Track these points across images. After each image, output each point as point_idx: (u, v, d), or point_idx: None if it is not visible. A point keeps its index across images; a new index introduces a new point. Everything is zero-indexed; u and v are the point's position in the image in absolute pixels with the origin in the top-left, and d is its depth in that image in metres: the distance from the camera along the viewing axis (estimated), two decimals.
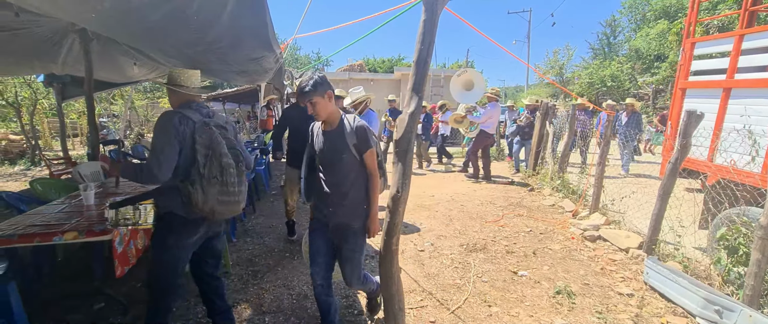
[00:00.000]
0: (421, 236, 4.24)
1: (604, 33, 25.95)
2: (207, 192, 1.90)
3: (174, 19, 1.98)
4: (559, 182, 6.07)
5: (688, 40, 4.16)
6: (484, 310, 2.77)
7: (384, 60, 32.26)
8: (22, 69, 5.22)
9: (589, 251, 3.86)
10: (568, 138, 6.18)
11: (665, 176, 3.49)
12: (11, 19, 2.73)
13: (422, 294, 2.99)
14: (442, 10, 1.80)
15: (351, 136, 1.99)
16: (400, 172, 1.78)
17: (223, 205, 1.98)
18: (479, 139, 7.24)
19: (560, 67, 26.34)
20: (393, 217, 1.83)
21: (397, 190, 1.78)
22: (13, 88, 9.25)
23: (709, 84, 3.87)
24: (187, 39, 2.33)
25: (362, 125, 2.00)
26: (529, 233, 4.35)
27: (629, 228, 4.25)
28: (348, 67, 17.95)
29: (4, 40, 3.20)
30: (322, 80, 2.00)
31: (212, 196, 1.91)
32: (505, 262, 3.56)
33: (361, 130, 1.99)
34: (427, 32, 1.75)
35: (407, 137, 1.78)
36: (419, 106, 1.80)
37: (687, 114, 3.26)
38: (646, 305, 2.83)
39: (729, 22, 13.82)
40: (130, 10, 1.89)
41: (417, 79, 1.80)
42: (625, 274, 3.32)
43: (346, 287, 3.07)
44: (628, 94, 19.69)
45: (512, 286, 3.11)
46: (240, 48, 2.71)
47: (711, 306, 2.55)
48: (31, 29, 3.17)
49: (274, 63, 4.03)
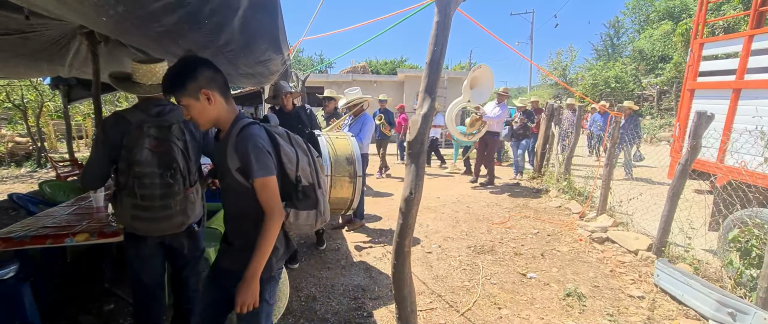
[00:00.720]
0: (429, 238, 4.22)
1: (608, 34, 25.91)
2: (123, 204, 1.75)
3: (187, 22, 1.99)
4: (566, 184, 6.05)
5: (696, 41, 4.13)
6: (494, 312, 2.75)
7: (387, 62, 32.32)
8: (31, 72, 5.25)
9: (598, 253, 3.84)
10: (574, 139, 6.15)
11: (675, 177, 3.47)
12: (22, 22, 2.75)
13: (431, 296, 2.98)
14: (455, 11, 1.80)
15: (232, 156, 1.37)
16: (414, 173, 1.77)
17: (141, 221, 1.76)
18: (487, 143, 6.95)
19: (563, 68, 26.29)
20: (406, 219, 1.82)
21: (411, 192, 1.78)
22: (19, 91, 9.31)
23: (719, 85, 3.84)
24: (199, 41, 2.33)
25: (246, 143, 1.36)
26: (537, 235, 4.33)
27: (638, 230, 4.22)
28: (351, 68, 17.99)
29: (15, 43, 3.22)
30: (189, 67, 1.36)
31: (126, 210, 1.74)
32: (514, 264, 3.54)
33: (244, 149, 1.35)
34: (439, 33, 1.75)
35: (420, 139, 1.78)
36: (432, 108, 1.80)
37: (697, 115, 3.24)
38: (658, 308, 2.80)
39: (735, 23, 13.76)
40: (143, 14, 1.89)
41: (430, 81, 1.79)
42: (635, 277, 3.29)
43: (355, 288, 3.06)
44: (632, 96, 19.64)
45: (521, 289, 3.09)
46: (250, 50, 2.71)
47: (724, 309, 2.53)
48: (41, 32, 3.18)
49: (281, 65, 4.03)
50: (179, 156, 1.83)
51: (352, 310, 2.78)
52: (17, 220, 2.54)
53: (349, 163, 2.80)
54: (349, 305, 2.84)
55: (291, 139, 1.54)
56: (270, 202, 1.38)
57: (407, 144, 1.81)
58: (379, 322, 2.63)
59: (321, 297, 2.96)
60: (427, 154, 9.52)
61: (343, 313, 2.73)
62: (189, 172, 1.88)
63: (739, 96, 3.58)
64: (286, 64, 4.43)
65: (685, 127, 4.04)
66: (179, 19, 1.98)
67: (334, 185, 2.75)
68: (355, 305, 2.85)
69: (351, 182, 2.82)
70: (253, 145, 1.35)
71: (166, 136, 1.81)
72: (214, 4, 1.89)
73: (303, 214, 1.52)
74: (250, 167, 1.34)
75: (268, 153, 1.38)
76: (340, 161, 2.78)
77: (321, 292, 3.03)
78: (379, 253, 3.77)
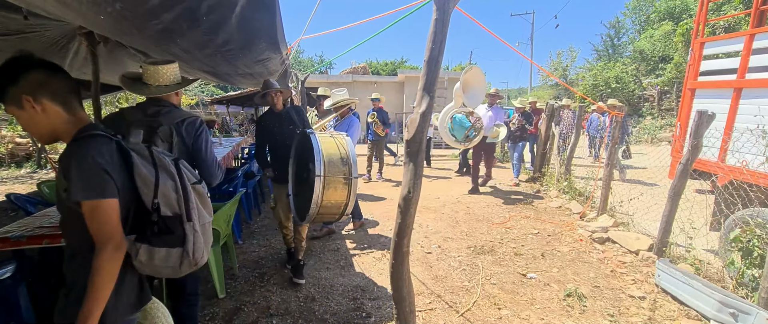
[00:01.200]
0: (428, 238, 4.21)
1: (608, 34, 25.89)
2: None
3: (185, 20, 1.97)
4: (566, 184, 6.03)
5: (697, 40, 4.12)
6: (494, 312, 2.73)
7: (387, 62, 32.31)
8: None
9: (599, 253, 3.82)
10: (575, 139, 6.14)
11: (676, 177, 3.45)
12: (21, 22, 2.74)
13: (431, 296, 2.96)
14: (453, 9, 1.79)
15: (61, 174, 1.14)
16: (412, 172, 1.76)
17: None
18: (483, 149, 6.42)
19: (564, 69, 26.27)
20: (404, 219, 1.81)
21: (409, 191, 1.76)
22: None
23: (720, 84, 3.83)
24: (198, 40, 2.32)
25: (70, 158, 1.12)
26: (537, 235, 4.31)
27: (638, 230, 4.20)
28: (351, 69, 17.99)
29: (14, 44, 3.22)
30: (10, 68, 1.13)
31: None
32: (514, 265, 3.52)
33: (66, 165, 1.11)
34: (438, 31, 1.73)
35: (418, 137, 1.76)
36: (430, 106, 1.78)
37: (698, 114, 3.22)
38: (659, 308, 2.79)
39: (735, 23, 13.74)
40: (141, 12, 1.88)
41: (428, 79, 1.78)
42: (636, 277, 3.27)
43: (354, 289, 3.05)
44: (632, 96, 19.62)
45: (522, 289, 3.08)
46: (249, 49, 2.70)
47: (726, 309, 2.51)
48: (40, 33, 3.18)
49: (279, 65, 4.02)
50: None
51: (351, 311, 2.76)
52: (15, 221, 2.53)
53: (343, 164, 2.57)
54: (347, 306, 2.83)
55: (154, 158, 1.27)
56: (100, 232, 1.10)
57: (405, 143, 1.79)
58: (378, 322, 2.61)
59: (319, 297, 2.94)
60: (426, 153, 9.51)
61: (341, 314, 2.72)
62: None
63: (741, 95, 3.57)
64: (285, 64, 4.42)
65: (686, 126, 4.02)
66: (177, 17, 1.97)
67: (328, 187, 2.49)
68: (354, 306, 2.83)
69: (346, 184, 2.57)
70: (78, 161, 1.10)
71: (150, 137, 1.80)
72: (212, 1, 1.88)
73: (160, 252, 1.23)
74: (70, 187, 1.09)
75: (103, 171, 1.11)
76: (333, 161, 2.54)
77: (319, 292, 3.02)
78: (378, 254, 3.76)
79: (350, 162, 2.59)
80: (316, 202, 2.46)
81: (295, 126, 3.10)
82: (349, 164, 2.59)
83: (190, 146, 1.96)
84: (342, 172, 2.55)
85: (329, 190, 2.51)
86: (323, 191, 2.46)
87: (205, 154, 2.00)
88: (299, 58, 31.08)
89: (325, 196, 2.50)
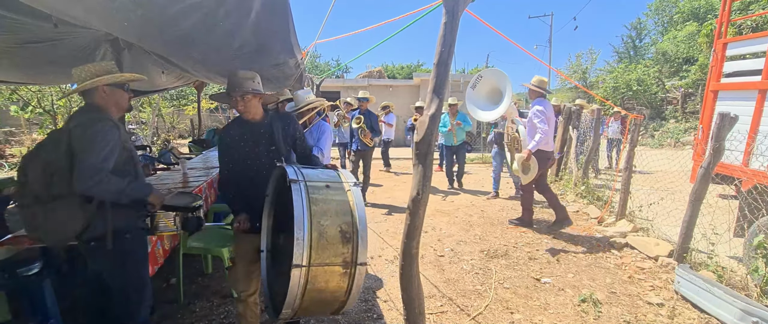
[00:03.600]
0: (441, 242, 4.20)
1: (629, 36, 25.31)
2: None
3: (203, 25, 2.05)
4: (584, 188, 5.92)
5: (719, 41, 4.00)
6: (506, 316, 2.71)
7: (403, 66, 32.36)
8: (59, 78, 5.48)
9: (616, 259, 3.74)
10: (593, 143, 6.02)
11: (697, 181, 3.36)
12: (51, 30, 2.89)
13: (442, 299, 2.96)
14: (463, 12, 1.80)
15: None
16: (421, 174, 1.77)
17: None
18: (539, 161, 4.30)
19: (583, 71, 25.79)
20: (413, 220, 1.82)
21: (418, 193, 1.78)
22: (49, 97, 9.73)
23: (743, 86, 3.71)
24: (215, 45, 2.40)
25: None
26: (553, 239, 4.25)
27: (658, 235, 4.09)
28: (367, 73, 18.10)
29: (44, 50, 3.38)
30: None
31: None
32: (528, 269, 3.48)
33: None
34: (447, 34, 1.75)
35: (427, 140, 1.78)
36: (439, 108, 1.80)
37: (720, 117, 3.13)
38: (678, 315, 2.71)
39: (764, 22, 13.25)
40: (162, 19, 1.96)
41: (438, 81, 1.80)
42: (655, 283, 3.19)
43: (366, 290, 3.07)
44: (655, 99, 19.10)
45: (535, 293, 3.04)
46: (264, 53, 2.77)
47: (749, 317, 2.42)
48: (68, 40, 3.33)
49: (294, 69, 4.09)
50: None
51: (363, 312, 2.78)
52: None
53: (344, 241, 1.60)
54: (359, 307, 2.85)
55: None
56: None
57: (414, 145, 1.81)
58: (388, 323, 2.62)
59: None
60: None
61: (353, 315, 2.74)
62: None
63: (766, 97, 3.45)
64: (300, 68, 4.50)
65: (708, 129, 3.90)
66: (196, 22, 2.04)
67: (315, 280, 1.57)
68: (366, 307, 2.85)
69: (345, 273, 1.62)
70: None
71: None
72: (229, 7, 1.94)
73: None
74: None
75: None
76: (327, 236, 1.58)
77: None
78: (390, 256, 3.77)
79: (356, 237, 1.62)
80: (293, 295, 1.55)
81: (277, 149, 2.15)
82: (354, 242, 1.62)
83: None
84: (340, 256, 1.60)
85: (317, 283, 1.60)
86: (305, 286, 1.56)
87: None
88: (316, 62, 31.43)
89: (311, 288, 1.58)
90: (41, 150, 1.90)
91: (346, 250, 1.60)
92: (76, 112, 1.95)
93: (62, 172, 1.76)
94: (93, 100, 1.94)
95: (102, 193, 1.73)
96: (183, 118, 17.13)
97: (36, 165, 1.86)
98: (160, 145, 12.52)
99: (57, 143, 1.83)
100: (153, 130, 13.47)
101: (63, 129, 1.89)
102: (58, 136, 1.87)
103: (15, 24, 2.55)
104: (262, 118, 2.18)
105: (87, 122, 1.80)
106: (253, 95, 2.10)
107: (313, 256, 1.54)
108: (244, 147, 2.11)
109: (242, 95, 2.07)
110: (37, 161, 1.86)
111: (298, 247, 1.51)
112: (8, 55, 3.38)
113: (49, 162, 1.83)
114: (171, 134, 14.99)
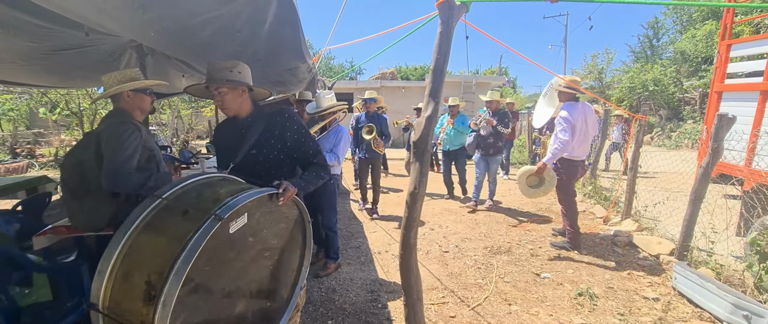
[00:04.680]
0: (447, 239, 4.34)
1: (646, 35, 24.87)
2: None
3: (221, 35, 2.25)
4: (591, 188, 5.98)
5: (723, 42, 4.05)
6: (504, 308, 2.85)
7: (416, 68, 32.48)
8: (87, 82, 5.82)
9: (618, 256, 3.82)
10: (600, 144, 6.07)
11: (696, 181, 3.42)
12: (82, 38, 3.15)
13: (444, 292, 3.11)
14: (458, 22, 1.96)
15: None
16: (418, 170, 1.94)
17: None
18: (563, 174, 3.90)
19: (599, 71, 25.45)
20: (411, 213, 1.99)
21: (415, 187, 1.94)
22: (77, 99, 10.22)
23: (746, 87, 3.76)
24: (232, 51, 2.61)
25: None
26: (556, 238, 4.34)
27: (662, 235, 4.15)
28: (380, 75, 18.29)
29: (75, 56, 3.66)
30: None
31: None
32: (529, 265, 3.60)
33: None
34: (442, 43, 1.92)
35: (424, 139, 1.94)
36: (436, 111, 1.96)
37: (718, 117, 3.20)
38: (672, 309, 2.80)
39: None
40: (184, 28, 2.18)
41: (434, 86, 1.96)
42: (653, 280, 3.28)
43: (372, 282, 3.24)
44: (672, 99, 18.75)
45: (534, 287, 3.16)
46: (277, 58, 2.97)
47: (739, 311, 2.51)
48: (97, 47, 3.60)
49: (307, 73, 4.30)
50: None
51: (368, 302, 2.96)
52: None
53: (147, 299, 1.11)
54: (365, 297, 3.02)
55: None
56: None
57: (412, 143, 1.97)
58: (392, 312, 2.79)
59: (340, 289, 3.15)
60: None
61: (359, 304, 2.92)
62: None
63: (767, 98, 3.50)
64: (313, 72, 4.71)
65: None
66: (215, 31, 2.26)
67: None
68: (371, 298, 3.02)
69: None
70: None
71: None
72: (244, 19, 2.15)
73: None
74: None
75: None
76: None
77: (340, 285, 3.23)
78: (396, 251, 3.93)
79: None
80: None
81: (256, 149, 1.87)
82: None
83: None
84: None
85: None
86: None
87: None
88: (330, 64, 31.83)
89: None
90: (76, 150, 2.15)
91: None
92: (105, 116, 2.20)
93: (92, 170, 2.01)
94: (119, 104, 2.19)
95: (126, 189, 1.91)
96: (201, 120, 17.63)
97: (71, 163, 2.12)
98: (179, 145, 12.96)
99: (88, 144, 2.08)
100: (172, 131, 13.93)
101: (94, 131, 2.14)
102: (89, 138, 2.12)
103: (50, 33, 2.81)
104: (247, 114, 1.89)
105: (112, 126, 2.02)
106: (228, 88, 1.76)
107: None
108: (233, 148, 1.86)
109: (217, 87, 1.75)
110: (73, 160, 2.12)
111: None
112: (43, 60, 3.66)
113: (81, 161, 2.08)
114: (189, 135, 15.44)
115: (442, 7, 1.89)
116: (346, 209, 5.69)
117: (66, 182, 2.11)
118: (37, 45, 3.06)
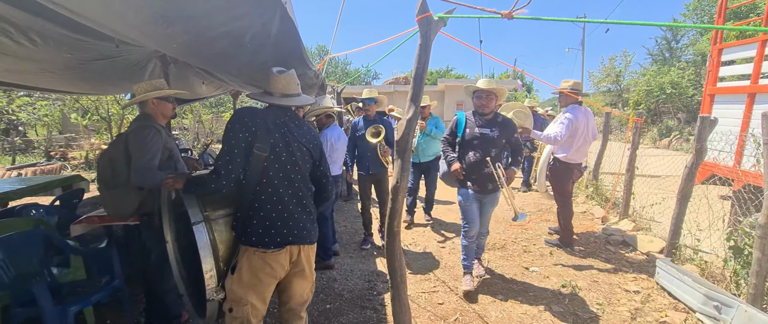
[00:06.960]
0: (444, 235, 4.56)
1: (664, 37, 24.42)
2: None
3: (233, 46, 2.58)
4: (592, 190, 6.08)
5: (715, 47, 4.16)
6: (489, 297, 3.06)
7: (431, 72, 32.69)
8: (115, 89, 6.30)
9: (609, 254, 3.97)
10: (602, 145, 6.18)
11: (682, 180, 3.55)
12: (112, 49, 3.54)
13: (436, 282, 3.34)
14: (436, 35, 2.22)
15: None
16: (399, 166, 2.19)
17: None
18: (558, 175, 4.02)
19: (617, 74, 25.11)
20: (394, 204, 2.24)
21: (397, 181, 2.19)
22: (105, 106, 10.87)
23: (734, 90, 3.87)
24: (244, 61, 2.94)
25: None
26: (551, 236, 4.50)
27: (655, 234, 4.27)
28: (393, 80, 18.60)
29: (105, 66, 4.07)
30: None
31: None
32: (520, 259, 3.79)
33: None
34: (422, 54, 2.18)
35: (405, 138, 2.20)
36: (417, 114, 2.21)
37: (700, 119, 3.34)
38: (650, 301, 2.96)
39: None
40: (202, 41, 2.51)
41: (415, 92, 2.22)
42: (639, 275, 3.42)
43: (371, 273, 3.50)
44: (691, 102, 18.39)
45: (521, 280, 3.36)
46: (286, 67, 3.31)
47: (710, 302, 2.66)
48: (125, 57, 3.99)
49: (315, 78, 4.60)
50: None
51: (365, 290, 3.21)
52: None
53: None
54: (363, 286, 3.28)
55: None
56: None
57: (396, 142, 2.23)
58: (386, 298, 3.04)
59: (340, 279, 3.42)
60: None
61: (357, 292, 3.18)
62: None
63: (754, 100, 3.61)
64: (320, 78, 5.02)
65: None
66: (228, 44, 2.58)
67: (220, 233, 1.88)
68: (368, 286, 3.28)
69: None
70: None
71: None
72: (252, 33, 2.46)
73: None
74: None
75: None
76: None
77: (341, 275, 3.50)
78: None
79: None
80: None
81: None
82: None
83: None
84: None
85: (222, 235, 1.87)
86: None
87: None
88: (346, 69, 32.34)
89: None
90: (109, 148, 2.52)
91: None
92: (133, 120, 2.57)
93: (121, 166, 2.39)
94: (145, 110, 2.57)
95: (150, 184, 2.30)
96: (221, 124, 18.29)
97: (105, 160, 2.50)
98: (200, 149, 13.54)
99: (118, 144, 2.47)
100: (194, 135, 14.55)
101: (123, 133, 2.51)
102: (120, 139, 2.49)
103: (86, 45, 3.18)
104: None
105: (138, 130, 2.39)
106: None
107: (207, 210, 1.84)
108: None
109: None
110: (106, 157, 2.48)
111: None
112: (78, 70, 4.07)
113: (112, 158, 2.46)
114: (210, 139, 16.08)
115: (421, 22, 2.16)
116: (353, 209, 5.96)
117: (100, 175, 2.47)
118: (74, 56, 3.45)
